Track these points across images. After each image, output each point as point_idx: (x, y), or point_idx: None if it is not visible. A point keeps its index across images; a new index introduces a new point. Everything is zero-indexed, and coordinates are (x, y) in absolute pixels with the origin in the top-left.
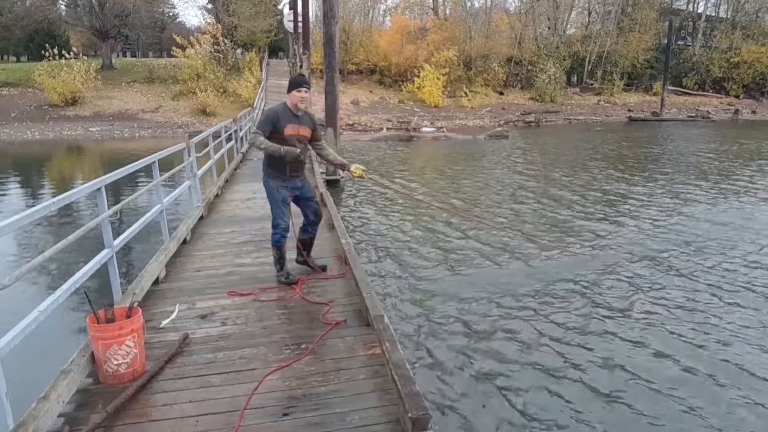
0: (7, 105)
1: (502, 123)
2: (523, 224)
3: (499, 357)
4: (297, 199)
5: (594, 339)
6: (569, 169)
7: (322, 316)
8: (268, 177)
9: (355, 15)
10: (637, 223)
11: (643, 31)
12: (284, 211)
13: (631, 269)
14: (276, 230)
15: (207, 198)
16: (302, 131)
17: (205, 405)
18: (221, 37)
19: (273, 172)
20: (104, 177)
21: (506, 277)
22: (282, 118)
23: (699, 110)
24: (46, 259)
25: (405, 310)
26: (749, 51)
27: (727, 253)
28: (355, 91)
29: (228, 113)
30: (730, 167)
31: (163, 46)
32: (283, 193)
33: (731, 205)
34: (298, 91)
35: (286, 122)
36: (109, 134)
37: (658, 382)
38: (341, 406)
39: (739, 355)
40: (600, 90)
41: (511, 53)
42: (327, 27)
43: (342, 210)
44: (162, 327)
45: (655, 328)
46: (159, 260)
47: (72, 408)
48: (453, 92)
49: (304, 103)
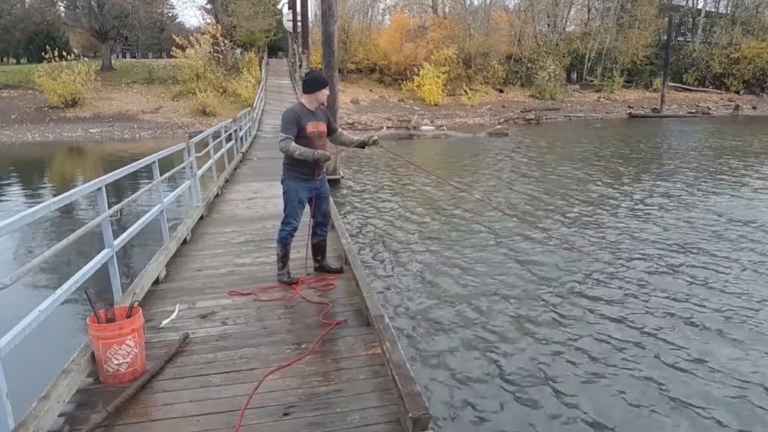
0: (7, 107)
1: (502, 121)
2: (524, 222)
3: (500, 356)
4: (313, 198)
5: (595, 339)
6: (570, 166)
7: (322, 316)
8: (292, 179)
9: (354, 14)
10: (639, 221)
11: (643, 28)
12: (299, 212)
13: (634, 267)
14: (285, 227)
15: (207, 198)
16: (320, 127)
17: (205, 405)
18: (221, 37)
19: (299, 174)
20: (104, 177)
21: (507, 277)
22: (302, 117)
23: (699, 106)
24: (47, 259)
25: (405, 310)
26: (749, 47)
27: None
28: (355, 90)
29: (228, 113)
30: (732, 163)
31: (162, 47)
32: (302, 195)
33: (736, 200)
34: (326, 90)
35: (307, 121)
36: (109, 135)
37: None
38: (342, 406)
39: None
40: (600, 87)
41: (511, 51)
42: (326, 26)
43: (342, 209)
44: (162, 327)
45: (677, 324)
46: (159, 260)
47: (72, 408)
48: (453, 90)
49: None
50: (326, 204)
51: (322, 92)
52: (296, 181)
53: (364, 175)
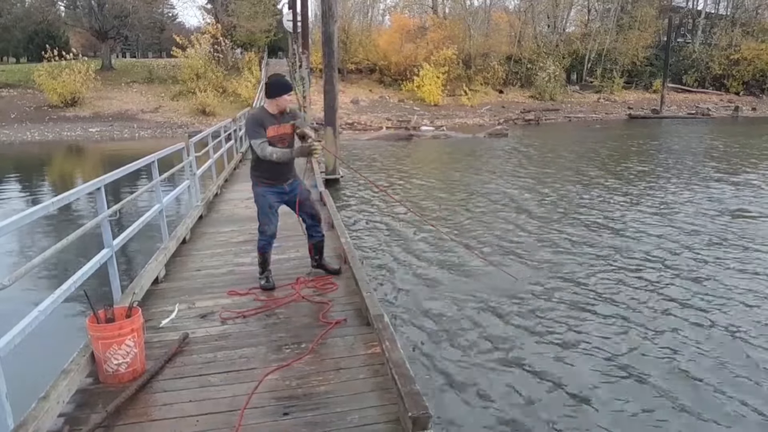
0: (7, 106)
1: (501, 121)
2: (525, 221)
3: (500, 356)
4: (289, 203)
5: (596, 338)
6: (570, 166)
7: (321, 316)
8: (258, 184)
9: (354, 14)
10: (642, 220)
11: (643, 29)
12: (270, 218)
13: (633, 266)
14: (262, 236)
15: (206, 197)
16: (282, 129)
17: (205, 404)
18: (221, 37)
19: (264, 179)
20: (104, 177)
21: (508, 276)
22: (264, 121)
23: (699, 107)
24: (46, 259)
25: (405, 309)
26: (749, 48)
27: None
28: (355, 90)
29: (227, 113)
30: (733, 164)
31: (162, 47)
32: (271, 200)
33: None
34: (288, 95)
35: (268, 125)
36: (109, 135)
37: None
38: (341, 406)
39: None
40: (600, 88)
41: (511, 51)
42: (326, 26)
43: (342, 209)
44: (162, 326)
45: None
46: (158, 260)
47: (72, 408)
48: (452, 91)
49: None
50: (308, 206)
51: (282, 98)
52: (262, 186)
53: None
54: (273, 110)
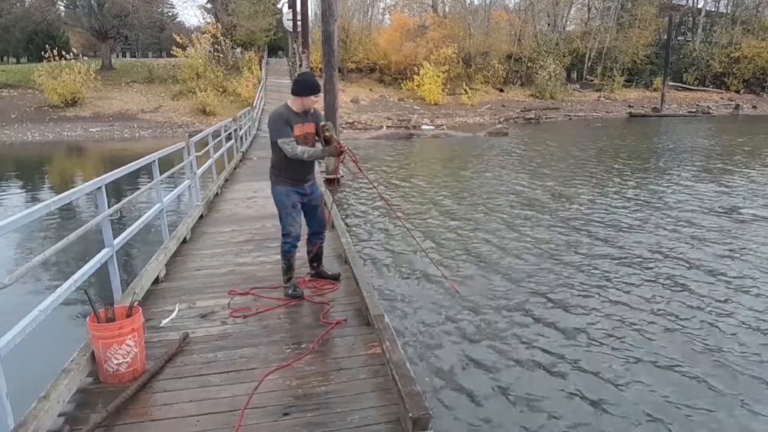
0: (7, 106)
1: (502, 120)
2: (523, 221)
3: (500, 356)
4: (303, 206)
5: (597, 339)
6: (569, 166)
7: (322, 316)
8: (279, 183)
9: (354, 13)
10: (637, 221)
11: (643, 27)
12: (295, 217)
13: (632, 268)
14: (287, 239)
15: (207, 197)
16: (306, 128)
17: (205, 404)
18: (221, 37)
19: (286, 179)
20: (104, 176)
21: (508, 276)
22: (291, 119)
23: (699, 106)
24: (47, 258)
25: (405, 309)
26: (749, 46)
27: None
28: (355, 90)
29: (228, 112)
30: (735, 162)
31: (162, 46)
32: (294, 199)
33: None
34: (316, 97)
35: (294, 123)
36: (109, 135)
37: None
38: (341, 406)
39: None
40: (600, 86)
41: (511, 50)
42: (325, 25)
43: (342, 209)
44: (162, 326)
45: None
46: (159, 259)
47: (72, 407)
48: (453, 90)
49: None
50: (319, 212)
51: (310, 98)
52: (285, 185)
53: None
54: (298, 108)
